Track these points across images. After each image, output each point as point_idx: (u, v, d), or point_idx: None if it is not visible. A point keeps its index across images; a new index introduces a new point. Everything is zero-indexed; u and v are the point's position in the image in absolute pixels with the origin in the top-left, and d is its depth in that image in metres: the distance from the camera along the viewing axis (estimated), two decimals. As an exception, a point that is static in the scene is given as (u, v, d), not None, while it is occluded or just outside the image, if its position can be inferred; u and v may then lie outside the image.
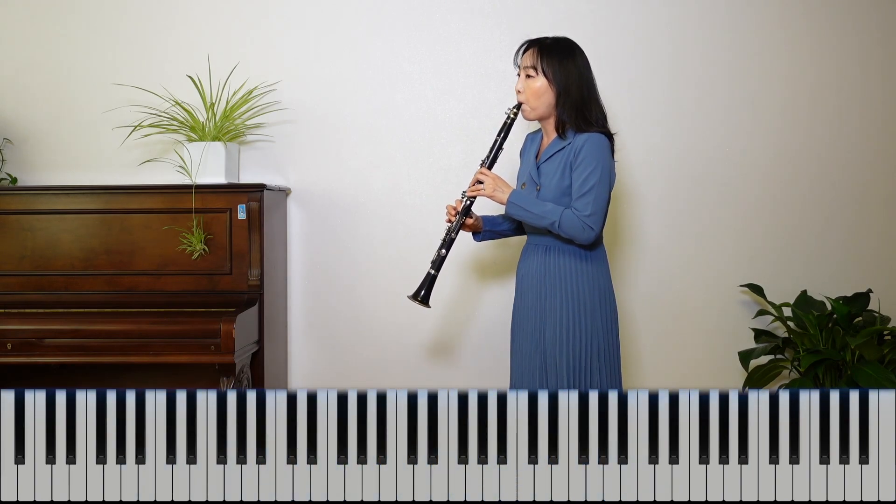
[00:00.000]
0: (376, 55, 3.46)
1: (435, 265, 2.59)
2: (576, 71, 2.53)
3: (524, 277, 2.62)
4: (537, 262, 2.57)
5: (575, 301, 2.49)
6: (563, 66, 2.52)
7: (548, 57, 2.53)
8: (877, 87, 3.43)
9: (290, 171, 3.46)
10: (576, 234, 2.46)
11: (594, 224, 2.45)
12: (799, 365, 3.20)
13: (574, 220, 2.45)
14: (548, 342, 2.50)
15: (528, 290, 2.59)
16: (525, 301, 2.60)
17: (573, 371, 2.46)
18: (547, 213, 2.47)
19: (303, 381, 3.47)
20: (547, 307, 2.52)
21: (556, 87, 2.52)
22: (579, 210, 2.46)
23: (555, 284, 2.52)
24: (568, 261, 2.52)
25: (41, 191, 3.19)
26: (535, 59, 2.53)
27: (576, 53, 2.56)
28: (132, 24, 3.47)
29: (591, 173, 2.46)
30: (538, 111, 2.56)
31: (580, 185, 2.47)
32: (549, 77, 2.52)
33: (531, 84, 2.55)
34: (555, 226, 2.46)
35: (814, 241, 3.44)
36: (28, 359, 2.89)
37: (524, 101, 2.57)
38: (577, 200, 2.46)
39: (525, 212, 2.51)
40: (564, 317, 2.49)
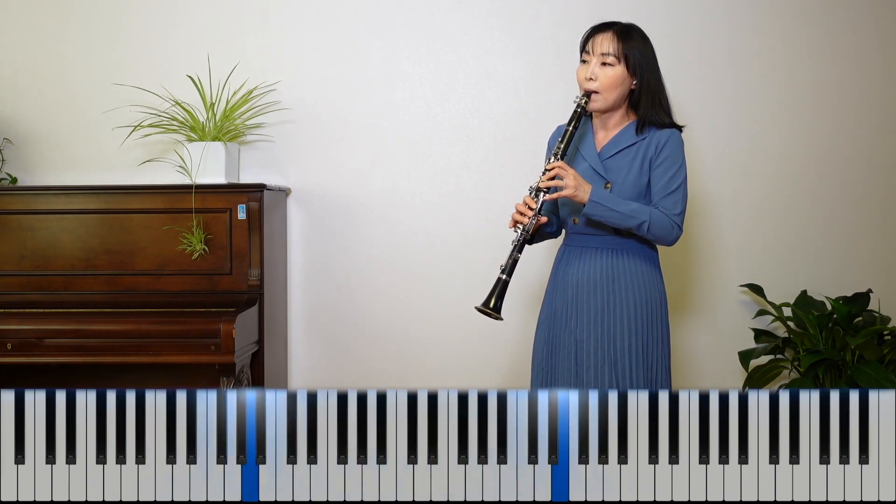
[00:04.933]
0: (376, 55, 3.46)
1: (507, 270, 2.34)
2: (653, 61, 2.39)
3: (580, 284, 2.40)
4: (601, 265, 2.38)
5: (647, 307, 2.36)
6: (644, 55, 2.37)
7: (628, 44, 2.35)
8: (876, 87, 3.43)
9: (290, 171, 3.46)
10: (664, 235, 2.34)
11: (681, 223, 2.35)
12: (799, 365, 3.19)
13: (664, 219, 2.32)
14: (619, 353, 2.33)
15: (588, 298, 2.38)
16: (584, 311, 2.38)
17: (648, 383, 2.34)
18: (635, 213, 2.31)
19: (303, 381, 3.47)
20: (617, 314, 2.35)
21: (637, 77, 2.37)
22: (668, 209, 2.33)
23: (626, 289, 2.36)
24: (639, 263, 2.39)
25: (41, 191, 3.19)
26: (615, 44, 2.35)
27: (648, 42, 2.41)
28: (132, 24, 3.47)
29: (678, 172, 2.35)
30: (609, 102, 2.38)
31: (666, 184, 2.34)
32: (629, 66, 2.35)
33: (608, 72, 2.35)
34: (644, 226, 2.31)
35: (814, 241, 3.44)
36: (28, 359, 2.89)
37: (598, 89, 2.36)
38: (664, 199, 2.34)
39: (610, 211, 2.30)
40: (636, 325, 2.34)
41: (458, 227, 3.45)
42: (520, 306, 3.38)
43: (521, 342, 3.39)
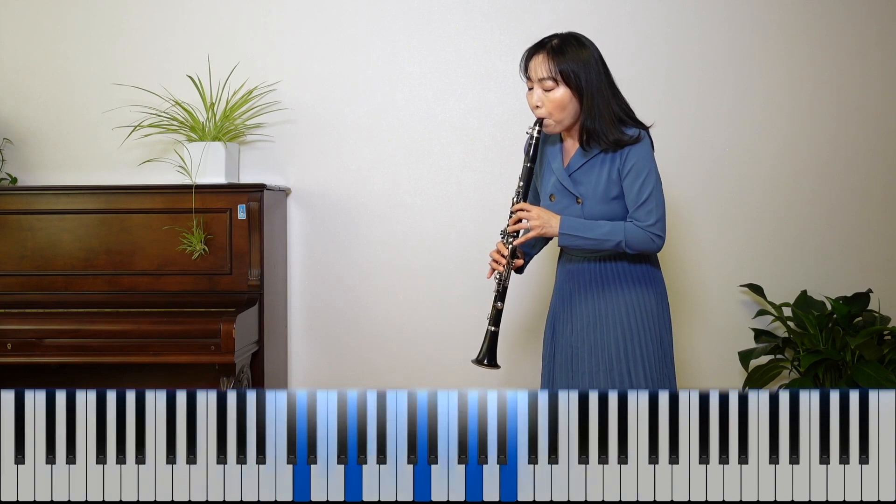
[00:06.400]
0: (376, 55, 3.46)
1: (493, 321, 2.37)
2: (595, 69, 2.29)
3: (574, 291, 2.41)
4: (592, 273, 2.38)
5: (639, 312, 2.33)
6: (582, 69, 2.27)
7: (563, 62, 2.27)
8: (876, 87, 3.43)
9: (290, 171, 3.47)
10: (645, 247, 2.29)
11: (661, 231, 2.29)
12: (799, 365, 3.20)
13: (640, 233, 2.27)
14: (612, 357, 2.32)
15: (579, 304, 2.38)
16: (576, 315, 2.39)
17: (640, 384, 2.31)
18: (609, 236, 2.27)
19: (303, 381, 3.48)
20: (610, 320, 2.33)
21: (580, 93, 2.28)
22: (641, 220, 2.27)
23: (619, 295, 2.34)
24: (630, 269, 2.36)
25: (41, 191, 3.19)
26: (549, 66, 2.28)
27: (587, 48, 2.31)
28: (132, 24, 3.47)
29: (646, 180, 2.28)
30: (564, 123, 2.32)
31: (636, 195, 2.28)
32: (570, 84, 2.27)
33: (551, 96, 2.29)
34: (621, 246, 2.27)
35: (814, 241, 3.44)
36: (28, 359, 2.89)
37: (547, 115, 2.31)
38: (637, 210, 2.28)
39: (583, 240, 2.29)
40: (630, 330, 2.32)
41: (458, 227, 3.45)
42: (522, 306, 3.38)
43: (521, 342, 3.39)
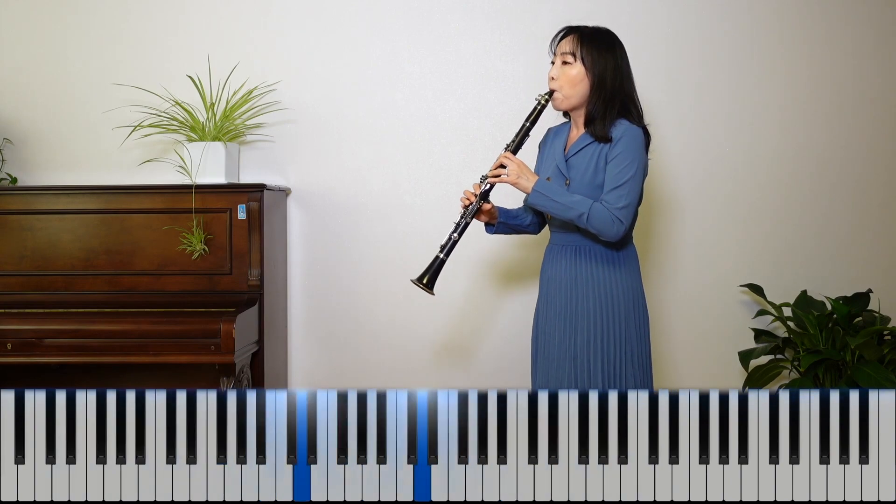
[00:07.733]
0: (376, 55, 3.46)
1: (445, 249, 2.45)
2: (614, 62, 2.43)
3: (550, 281, 2.50)
4: (566, 265, 2.45)
5: (608, 306, 2.39)
6: (602, 57, 2.42)
7: (588, 45, 2.43)
8: (876, 87, 3.43)
9: (290, 171, 3.46)
10: (604, 228, 2.33)
11: (624, 218, 2.34)
12: (799, 365, 3.20)
13: (604, 212, 2.33)
14: (579, 349, 2.39)
15: (555, 295, 2.46)
16: (552, 306, 2.47)
17: (608, 378, 2.36)
18: (575, 204, 2.35)
19: (303, 381, 3.48)
20: (579, 312, 2.41)
21: (593, 76, 2.42)
22: (610, 203, 2.33)
23: (587, 289, 2.41)
24: (599, 264, 2.42)
25: (41, 191, 3.19)
26: (575, 45, 2.43)
27: (616, 45, 2.47)
28: (132, 24, 3.47)
29: (628, 166, 2.35)
30: (571, 100, 2.46)
31: (614, 178, 2.35)
32: (587, 65, 2.42)
33: (567, 71, 2.44)
34: (583, 218, 2.33)
35: (814, 241, 3.44)
36: (28, 359, 2.89)
37: (558, 88, 2.46)
38: (610, 193, 2.35)
39: (551, 201, 2.38)
40: (597, 323, 2.38)
41: (458, 227, 3.45)
42: (516, 305, 3.38)
43: (521, 342, 3.38)
